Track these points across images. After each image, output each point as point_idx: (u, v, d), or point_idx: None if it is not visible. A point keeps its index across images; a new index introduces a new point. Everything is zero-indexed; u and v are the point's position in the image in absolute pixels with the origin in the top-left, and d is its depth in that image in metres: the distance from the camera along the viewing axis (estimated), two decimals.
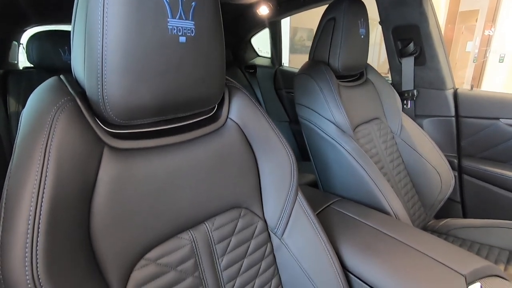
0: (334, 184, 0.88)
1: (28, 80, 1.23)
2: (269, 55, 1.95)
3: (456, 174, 1.14)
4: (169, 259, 0.44)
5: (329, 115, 0.86)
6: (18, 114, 1.21)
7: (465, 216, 1.17)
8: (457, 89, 1.13)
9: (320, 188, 0.98)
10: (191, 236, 0.47)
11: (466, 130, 1.11)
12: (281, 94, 1.84)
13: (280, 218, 0.57)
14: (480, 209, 1.11)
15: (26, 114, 0.36)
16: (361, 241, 0.63)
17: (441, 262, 0.56)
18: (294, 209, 0.58)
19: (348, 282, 0.59)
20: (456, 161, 1.14)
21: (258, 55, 2.04)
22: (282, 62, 1.89)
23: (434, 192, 1.05)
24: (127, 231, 0.40)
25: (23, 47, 1.49)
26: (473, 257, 0.58)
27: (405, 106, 1.20)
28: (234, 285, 0.51)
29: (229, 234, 0.51)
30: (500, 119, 1.02)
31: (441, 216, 1.15)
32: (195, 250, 0.47)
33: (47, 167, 0.32)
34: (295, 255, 0.57)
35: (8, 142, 1.13)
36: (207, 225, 0.49)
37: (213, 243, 0.49)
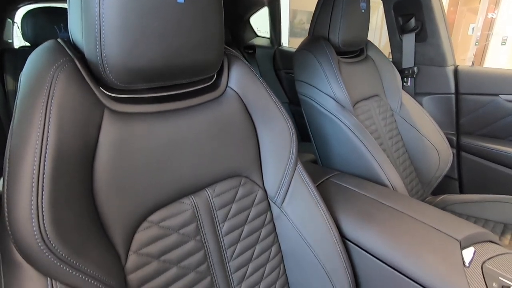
0: (333, 159, 0.89)
1: (24, 58, 1.21)
2: (268, 35, 1.92)
3: (454, 151, 1.15)
4: (171, 222, 0.45)
5: (329, 90, 0.86)
6: (15, 93, 1.20)
7: (461, 192, 1.19)
8: (457, 66, 1.13)
9: (320, 164, 0.99)
10: (192, 201, 0.48)
11: (466, 107, 1.11)
12: (281, 75, 1.82)
13: (280, 187, 0.58)
14: (476, 186, 1.13)
15: (25, 74, 0.36)
16: (359, 210, 0.64)
17: (436, 229, 0.58)
18: (293, 179, 0.59)
19: (346, 249, 0.61)
20: (454, 138, 1.15)
21: (257, 35, 2.01)
22: (282, 42, 1.86)
23: (432, 169, 1.06)
24: (130, 194, 0.40)
25: (18, 27, 1.46)
26: (467, 224, 0.59)
27: (405, 83, 1.20)
28: (235, 250, 0.52)
29: (229, 201, 0.52)
30: (500, 95, 1.02)
31: (438, 193, 1.17)
32: (196, 215, 0.48)
33: (48, 124, 0.32)
34: (295, 224, 0.58)
35: (6, 121, 1.13)
36: (208, 191, 0.50)
37: (214, 209, 0.50)
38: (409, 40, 1.13)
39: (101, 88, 0.40)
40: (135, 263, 0.41)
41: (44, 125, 0.32)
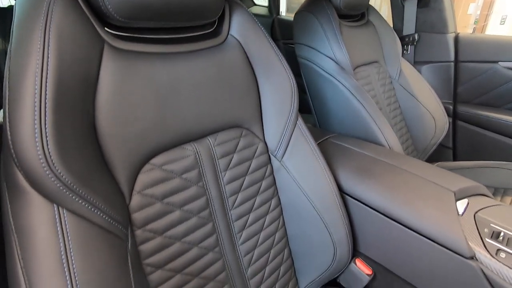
0: (332, 122, 0.89)
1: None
2: (265, 4, 1.86)
3: (450, 120, 1.17)
4: (174, 166, 0.45)
5: (329, 51, 0.85)
6: (5, 53, 1.15)
7: (455, 160, 1.22)
8: (458, 33, 1.12)
9: (317, 125, 0.99)
10: (194, 148, 0.48)
11: (464, 75, 1.11)
12: (279, 46, 1.78)
13: (280, 141, 0.58)
14: (470, 154, 1.15)
15: (20, 4, 0.35)
16: (356, 166, 0.65)
17: (432, 181, 0.59)
18: (294, 133, 0.59)
19: (344, 203, 0.63)
20: (451, 107, 1.16)
21: (255, 4, 1.95)
22: (280, 10, 1.81)
23: (428, 136, 1.07)
24: (132, 133, 0.40)
25: None
26: (462, 178, 0.61)
27: (405, 52, 1.19)
28: (236, 199, 0.53)
29: (231, 151, 0.52)
30: (499, 62, 1.02)
31: (432, 161, 1.19)
32: (198, 161, 0.48)
33: (48, 51, 0.31)
34: (295, 177, 0.59)
35: None
36: (209, 140, 0.50)
37: (215, 157, 0.50)
38: (411, 6, 1.11)
39: (100, 23, 0.39)
40: (139, 203, 0.41)
41: (43, 51, 0.31)
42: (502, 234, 0.50)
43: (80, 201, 0.32)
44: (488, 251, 0.47)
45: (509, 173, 0.93)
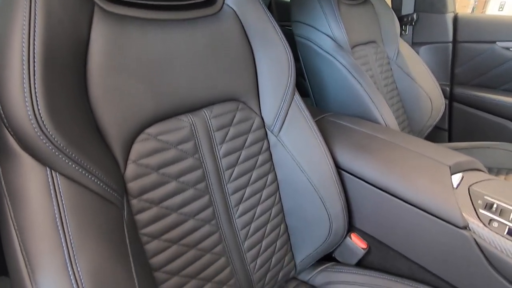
0: (329, 101, 0.88)
1: None
2: None
3: (447, 102, 1.17)
4: (169, 137, 0.45)
5: (327, 29, 0.83)
6: None
7: (450, 142, 1.23)
8: (457, 13, 1.10)
9: (314, 104, 0.99)
10: (190, 120, 0.47)
11: (462, 56, 1.10)
12: None
13: (277, 116, 0.58)
14: (465, 136, 1.16)
15: None
16: (353, 142, 0.65)
17: (428, 156, 0.59)
18: (291, 107, 0.59)
19: (340, 178, 0.63)
20: (448, 89, 1.16)
21: None
22: None
23: (424, 117, 1.07)
24: (124, 100, 0.39)
25: None
26: (457, 153, 0.61)
27: (403, 32, 1.17)
28: (232, 173, 0.53)
29: (227, 124, 0.52)
30: (497, 42, 1.01)
31: None
32: (194, 133, 0.48)
33: (35, 5, 0.30)
34: (291, 152, 0.59)
35: None
36: (205, 112, 0.49)
37: (211, 130, 0.50)
38: None
39: None
40: (134, 172, 0.41)
41: (30, 8, 0.30)
42: (495, 205, 0.50)
43: (73, 166, 0.32)
44: (481, 221, 0.48)
45: (503, 153, 0.94)
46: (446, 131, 1.21)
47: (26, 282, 0.28)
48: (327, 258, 0.69)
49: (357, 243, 0.64)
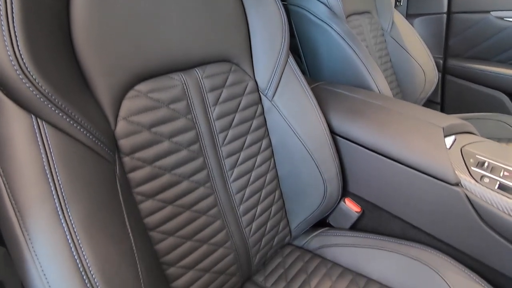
0: (323, 70, 0.87)
1: None
2: None
3: (440, 75, 1.17)
4: (161, 95, 0.43)
5: None
6: None
7: None
8: None
9: (308, 75, 0.98)
10: (182, 78, 0.46)
11: (456, 27, 1.09)
12: None
13: (271, 79, 0.57)
14: (458, 108, 1.17)
15: None
16: (347, 108, 0.65)
17: (421, 119, 0.60)
18: (285, 71, 0.58)
19: (334, 144, 0.63)
20: (441, 61, 1.15)
21: None
22: None
23: (417, 90, 1.07)
24: (112, 54, 0.38)
25: None
26: (450, 116, 0.62)
27: (398, 3, 1.15)
28: (226, 136, 0.52)
29: (219, 85, 0.51)
30: (491, 12, 1.00)
31: None
32: (186, 92, 0.46)
33: None
34: (286, 117, 0.58)
35: None
36: (197, 71, 0.48)
37: (204, 90, 0.49)
38: None
39: None
40: (125, 129, 0.40)
41: None
42: (486, 163, 0.51)
43: (60, 114, 0.30)
44: (473, 177, 0.49)
45: (494, 123, 0.95)
46: (438, 104, 1.21)
47: (16, 229, 0.27)
48: (322, 224, 0.70)
49: (351, 207, 0.64)
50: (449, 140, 0.57)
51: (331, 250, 0.61)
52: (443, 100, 1.19)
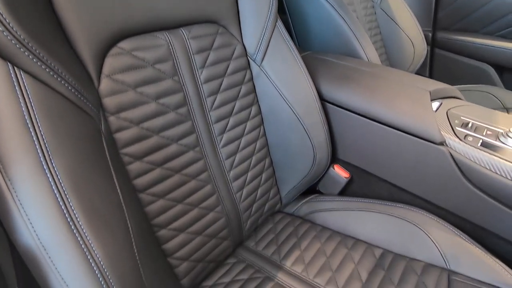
0: (312, 40, 0.86)
1: None
2: None
3: (429, 48, 1.17)
4: (145, 54, 0.42)
5: None
6: None
7: None
8: None
9: (297, 46, 0.97)
10: (167, 37, 0.45)
11: None
12: None
13: (259, 44, 0.56)
14: (446, 82, 1.18)
15: None
16: (336, 74, 0.65)
17: (409, 84, 0.60)
18: (273, 35, 0.57)
19: (324, 110, 0.63)
20: (430, 35, 1.15)
21: None
22: None
23: (406, 63, 1.08)
24: (91, 5, 0.36)
25: None
26: (437, 82, 0.62)
27: None
28: (215, 100, 0.51)
29: (206, 47, 0.50)
30: None
31: None
32: (172, 52, 0.45)
33: None
34: (275, 82, 0.57)
35: None
36: (183, 31, 0.47)
37: (191, 51, 0.48)
38: None
39: None
40: (109, 87, 0.38)
41: None
42: (470, 123, 0.52)
43: (38, 63, 0.29)
44: (457, 136, 0.50)
45: (482, 94, 0.97)
46: (426, 77, 1.22)
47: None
48: (312, 191, 0.71)
49: (339, 173, 0.65)
50: (435, 104, 0.58)
51: (320, 215, 0.63)
52: (431, 74, 1.20)
